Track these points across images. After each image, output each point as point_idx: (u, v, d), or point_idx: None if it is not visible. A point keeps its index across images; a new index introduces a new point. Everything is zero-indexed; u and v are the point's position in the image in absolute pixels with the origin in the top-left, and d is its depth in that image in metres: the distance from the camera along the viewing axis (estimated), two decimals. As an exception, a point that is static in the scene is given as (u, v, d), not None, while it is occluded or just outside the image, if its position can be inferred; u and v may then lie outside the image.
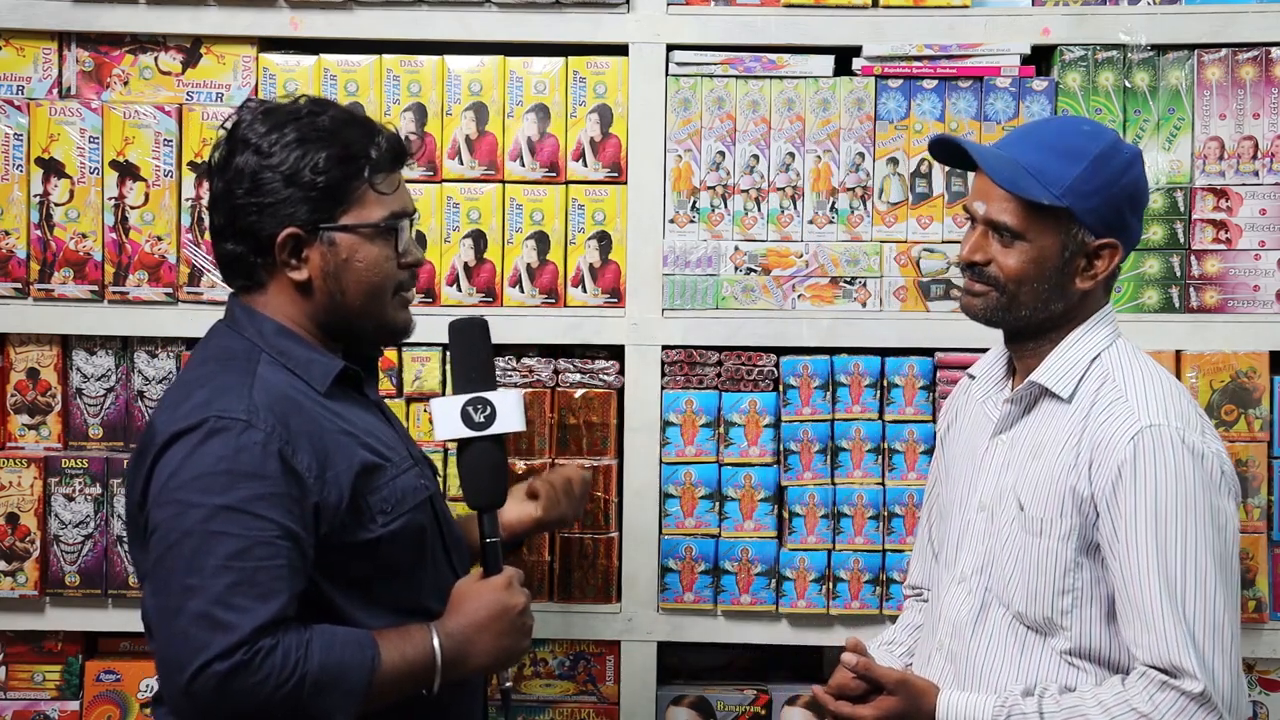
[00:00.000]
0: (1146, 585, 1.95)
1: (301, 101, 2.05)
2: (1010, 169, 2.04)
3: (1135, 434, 1.99)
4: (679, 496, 2.79)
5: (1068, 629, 2.04)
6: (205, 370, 2.00)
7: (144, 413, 2.83)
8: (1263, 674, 2.79)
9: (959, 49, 2.76)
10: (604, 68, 2.80)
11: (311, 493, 1.94)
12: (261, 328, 2.03)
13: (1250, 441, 2.72)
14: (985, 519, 2.13)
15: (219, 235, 2.05)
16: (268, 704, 1.86)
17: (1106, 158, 2.04)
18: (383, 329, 2.09)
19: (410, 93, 2.81)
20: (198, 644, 1.84)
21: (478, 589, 2.06)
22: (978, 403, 2.21)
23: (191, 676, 1.83)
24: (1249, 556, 2.72)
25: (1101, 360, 2.08)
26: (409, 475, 2.08)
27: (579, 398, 2.80)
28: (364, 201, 2.02)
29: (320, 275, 2.02)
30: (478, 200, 2.81)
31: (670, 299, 2.79)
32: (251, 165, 1.99)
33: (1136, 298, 2.77)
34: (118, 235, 2.82)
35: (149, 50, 2.85)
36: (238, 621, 1.84)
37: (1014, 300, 2.07)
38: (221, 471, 1.88)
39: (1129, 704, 1.96)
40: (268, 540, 1.88)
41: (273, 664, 1.85)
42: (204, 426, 1.90)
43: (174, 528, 1.88)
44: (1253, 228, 2.75)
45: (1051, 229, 2.04)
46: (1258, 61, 2.75)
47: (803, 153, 2.79)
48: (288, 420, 1.95)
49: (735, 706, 2.83)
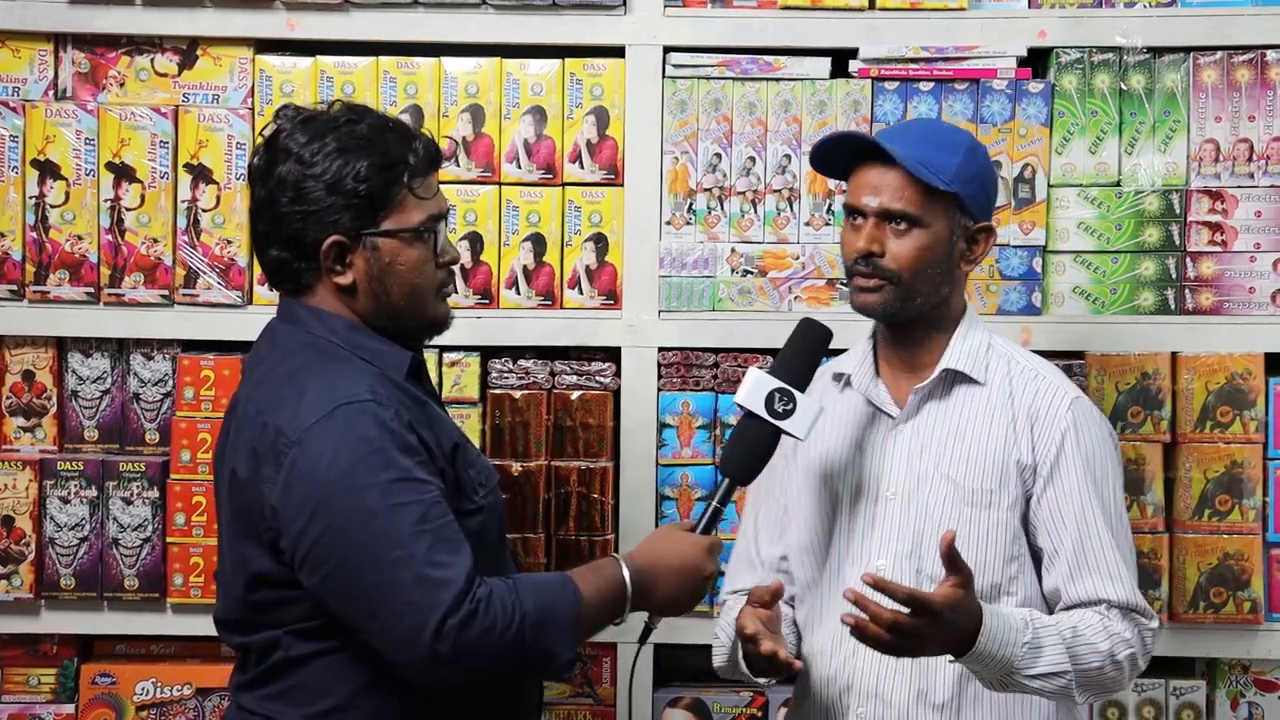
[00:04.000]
0: (1098, 537, 2.14)
1: (337, 108, 2.08)
2: (907, 160, 2.15)
3: (1071, 403, 2.18)
4: (675, 498, 2.78)
5: (1014, 594, 2.16)
6: (300, 364, 2.03)
7: (139, 415, 2.83)
8: (1258, 674, 2.79)
9: (955, 51, 2.77)
10: (601, 70, 2.80)
11: (438, 460, 2.02)
12: (332, 324, 2.06)
13: (1246, 443, 2.73)
14: (899, 505, 2.19)
15: (263, 242, 2.08)
16: (499, 648, 1.92)
17: (974, 149, 2.21)
18: (426, 324, 2.13)
19: (407, 94, 2.81)
20: (427, 605, 1.89)
21: (682, 537, 2.14)
22: (855, 397, 2.26)
23: (434, 637, 1.89)
24: (1244, 558, 2.73)
25: (995, 348, 2.24)
26: (485, 458, 2.20)
27: (575, 399, 2.80)
28: (404, 206, 2.05)
29: (365, 278, 2.05)
30: (474, 202, 2.81)
31: (667, 301, 2.79)
32: (294, 174, 2.02)
33: (1132, 299, 2.77)
34: (113, 237, 2.81)
35: (145, 52, 2.84)
36: (452, 576, 1.91)
37: (910, 290, 2.17)
38: (376, 449, 1.93)
39: (1114, 631, 2.11)
40: (436, 500, 1.96)
41: (495, 608, 1.92)
42: (339, 413, 1.95)
43: (355, 511, 1.92)
44: (1248, 230, 2.76)
45: (943, 214, 2.16)
46: (1253, 64, 2.75)
47: (799, 155, 2.79)
48: (397, 399, 2.01)
49: (731, 708, 2.83)
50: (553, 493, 2.79)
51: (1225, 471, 2.72)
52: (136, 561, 2.81)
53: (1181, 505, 2.74)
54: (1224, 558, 2.72)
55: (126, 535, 2.81)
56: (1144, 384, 2.72)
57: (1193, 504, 2.73)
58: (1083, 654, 2.07)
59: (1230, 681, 2.80)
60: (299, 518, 1.94)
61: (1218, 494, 2.73)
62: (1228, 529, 2.72)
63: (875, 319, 2.24)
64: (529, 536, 2.78)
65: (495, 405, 2.80)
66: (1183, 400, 2.73)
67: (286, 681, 2.04)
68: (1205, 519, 2.73)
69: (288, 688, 2.04)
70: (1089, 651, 2.08)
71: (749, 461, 2.19)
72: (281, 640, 2.03)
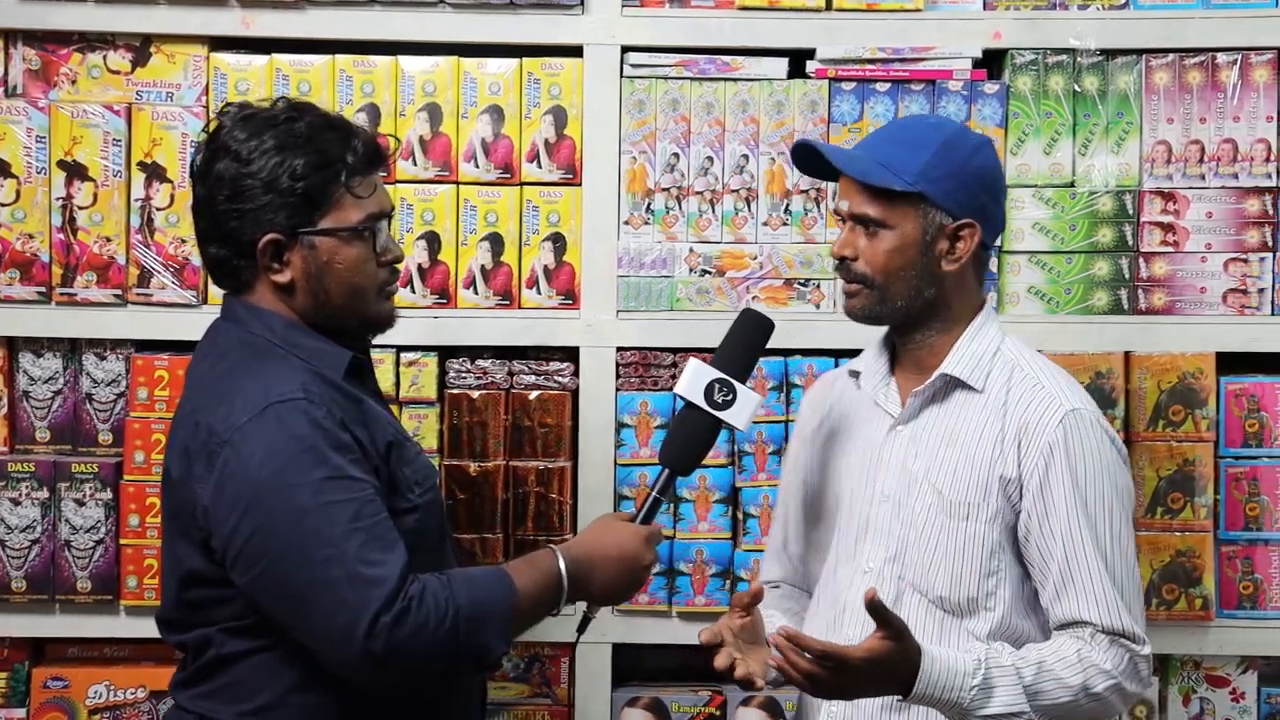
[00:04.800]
0: (1085, 556, 2.07)
1: (279, 106, 2.09)
2: (862, 164, 2.14)
3: (1063, 417, 2.09)
4: (634, 498, 2.78)
5: (991, 609, 2.11)
6: (235, 363, 2.03)
7: (92, 416, 2.80)
8: (1210, 670, 2.82)
9: (912, 52, 2.78)
10: (559, 69, 2.80)
11: (371, 458, 2.02)
12: (270, 323, 2.06)
13: (1197, 442, 2.76)
14: (890, 509, 2.16)
15: (204, 239, 2.09)
16: (433, 644, 1.93)
17: (952, 144, 2.14)
18: (367, 322, 2.14)
19: (363, 93, 2.79)
20: (359, 603, 1.89)
21: (620, 527, 2.17)
22: (865, 396, 2.25)
23: (366, 635, 1.89)
24: (1196, 555, 2.76)
25: (1003, 353, 2.18)
26: (425, 456, 2.20)
27: (534, 399, 2.79)
28: (342, 205, 2.06)
29: (303, 277, 2.06)
30: (431, 201, 2.80)
31: (625, 301, 2.79)
32: (231, 172, 2.03)
33: (1086, 299, 2.80)
34: (65, 236, 2.78)
35: (98, 49, 2.81)
36: (384, 573, 1.91)
37: (885, 293, 2.14)
38: (308, 448, 1.93)
39: (1091, 662, 2.05)
40: (370, 498, 1.96)
41: (428, 605, 1.93)
42: (270, 412, 1.94)
43: (287, 510, 1.92)
44: (1200, 230, 2.79)
45: (911, 215, 2.12)
46: (1204, 67, 2.79)
47: (757, 155, 2.80)
48: (331, 397, 2.01)
49: (690, 708, 2.83)
50: (511, 493, 2.78)
51: (1177, 470, 2.75)
52: (89, 563, 2.78)
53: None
54: (1176, 555, 2.75)
55: (79, 537, 2.78)
56: (1097, 383, 2.74)
57: (1145, 502, 2.75)
58: (1047, 690, 2.02)
59: (1182, 678, 2.83)
60: (231, 516, 1.95)
61: (1170, 492, 2.76)
62: (1180, 526, 2.75)
63: (859, 322, 2.20)
64: (487, 537, 2.77)
65: (453, 405, 2.79)
66: (1136, 399, 2.75)
67: (220, 680, 2.04)
68: (1158, 517, 2.76)
69: (221, 686, 2.04)
70: (1056, 687, 2.03)
71: (688, 451, 2.19)
72: (214, 638, 2.03)
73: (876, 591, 1.94)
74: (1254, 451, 2.78)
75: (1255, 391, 2.78)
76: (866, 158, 2.15)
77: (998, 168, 2.21)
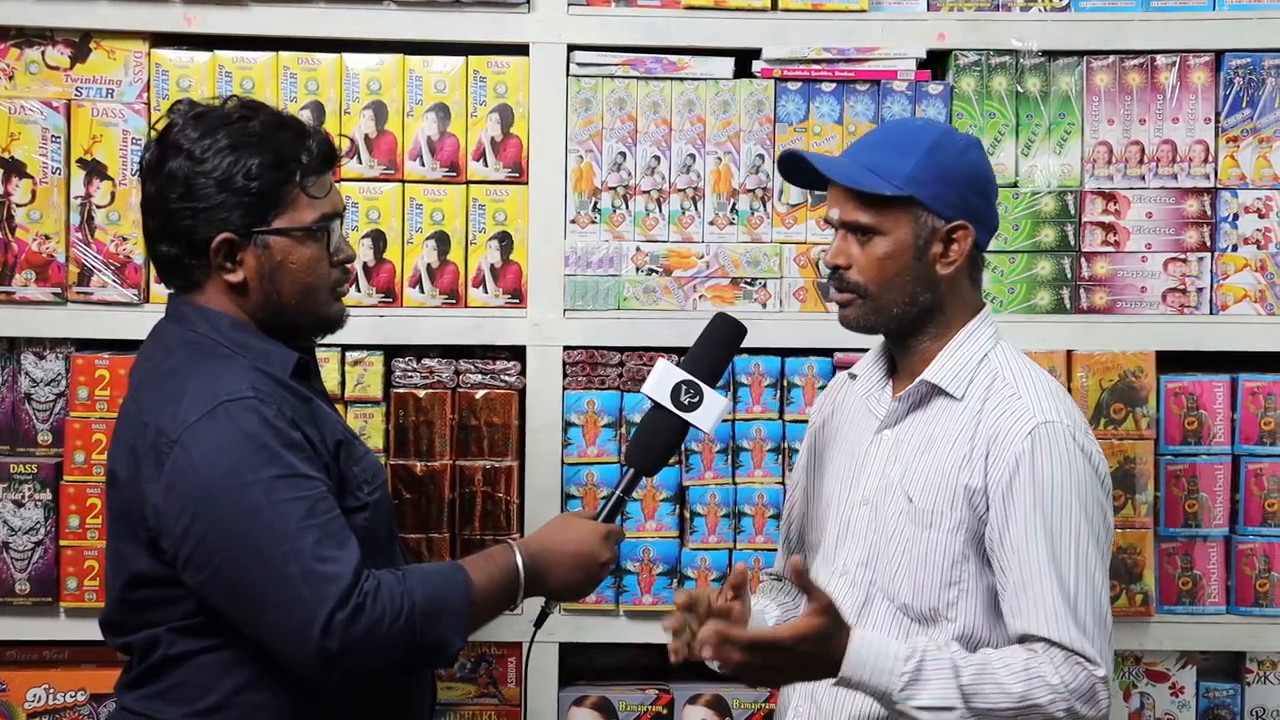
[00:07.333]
0: (1041, 572, 2.02)
1: (231, 104, 2.07)
2: (850, 170, 2.12)
3: (1033, 429, 2.05)
4: (581, 497, 2.78)
5: (953, 620, 2.09)
6: (181, 363, 2.02)
7: (31, 416, 2.76)
8: (1149, 665, 2.86)
9: (857, 52, 2.80)
10: (504, 67, 2.79)
11: (322, 456, 2.01)
12: (216, 323, 2.04)
13: (1138, 439, 2.79)
14: (869, 513, 2.16)
15: (154, 238, 2.07)
16: (388, 640, 1.93)
17: (939, 146, 2.12)
18: (319, 323, 2.13)
19: (308, 91, 2.77)
20: (314, 600, 1.89)
21: (579, 524, 2.18)
22: (860, 399, 2.25)
23: (321, 632, 1.89)
24: (1136, 551, 2.79)
25: (990, 360, 2.14)
26: (373, 455, 2.21)
27: (480, 398, 2.78)
28: (296, 205, 2.05)
29: (256, 276, 2.05)
30: (377, 200, 2.78)
31: (572, 299, 2.79)
32: (184, 170, 2.01)
33: (1029, 299, 2.82)
34: (3, 233, 2.74)
35: (36, 44, 2.78)
36: (338, 570, 1.91)
37: (879, 302, 2.12)
38: (260, 446, 1.92)
39: (1037, 673, 1.99)
40: (322, 495, 1.95)
41: (383, 600, 1.93)
42: (220, 411, 1.93)
43: (239, 509, 1.91)
44: (1140, 230, 2.82)
45: (902, 219, 2.10)
46: (1143, 69, 2.82)
47: (703, 154, 2.80)
48: (280, 395, 2.00)
49: (637, 706, 2.83)
50: (457, 492, 2.77)
51: (1119, 467, 2.78)
52: (28, 565, 2.74)
53: (1077, 500, 2.79)
54: (1117, 552, 2.78)
55: (17, 538, 2.74)
56: (1040, 382, 2.77)
57: (1087, 499, 2.78)
58: (985, 692, 1.97)
59: (1123, 673, 2.86)
60: (182, 516, 1.93)
61: (1112, 489, 2.79)
62: (1121, 523, 2.78)
63: (853, 332, 2.17)
64: (433, 536, 2.76)
65: (399, 404, 2.77)
66: (1078, 398, 2.78)
67: (167, 680, 2.03)
68: (1100, 514, 2.79)
69: (168, 686, 2.03)
70: (994, 691, 1.97)
71: (653, 452, 2.20)
72: (162, 638, 2.02)
73: (802, 560, 1.92)
74: (1193, 449, 2.82)
75: (1194, 390, 2.82)
76: (854, 164, 2.12)
77: (987, 167, 2.18)
